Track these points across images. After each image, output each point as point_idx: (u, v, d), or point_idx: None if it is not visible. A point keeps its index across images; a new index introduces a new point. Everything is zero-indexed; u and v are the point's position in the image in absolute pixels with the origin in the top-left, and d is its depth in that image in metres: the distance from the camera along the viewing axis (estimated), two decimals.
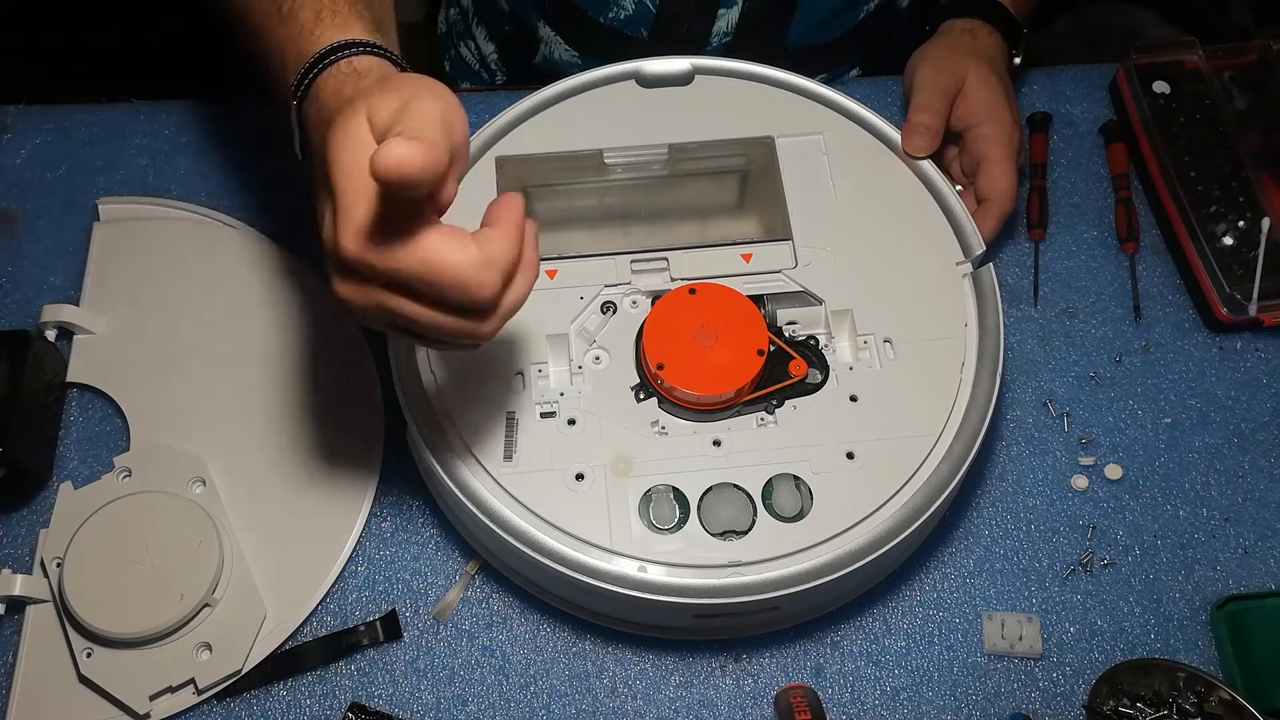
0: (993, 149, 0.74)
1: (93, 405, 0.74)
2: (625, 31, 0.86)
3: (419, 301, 0.47)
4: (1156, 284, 0.80)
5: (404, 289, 0.46)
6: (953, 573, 0.70)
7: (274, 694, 0.65)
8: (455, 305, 0.47)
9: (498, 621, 0.68)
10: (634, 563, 0.59)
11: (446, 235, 0.45)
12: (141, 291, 0.75)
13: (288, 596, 0.67)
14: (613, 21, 0.86)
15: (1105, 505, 0.72)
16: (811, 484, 0.62)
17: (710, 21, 0.85)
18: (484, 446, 0.62)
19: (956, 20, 0.81)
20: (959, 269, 0.68)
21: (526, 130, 0.73)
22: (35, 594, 0.65)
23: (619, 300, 0.67)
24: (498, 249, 0.46)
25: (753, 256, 0.69)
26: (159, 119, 0.84)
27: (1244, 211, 0.78)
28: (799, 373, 0.65)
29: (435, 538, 0.70)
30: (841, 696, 0.66)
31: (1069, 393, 0.76)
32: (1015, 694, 0.66)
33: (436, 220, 0.46)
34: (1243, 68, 0.85)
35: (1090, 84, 0.88)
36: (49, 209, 0.80)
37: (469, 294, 0.46)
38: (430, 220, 0.45)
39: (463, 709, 0.65)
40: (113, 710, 0.63)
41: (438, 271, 0.45)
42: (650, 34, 0.86)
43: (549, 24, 0.89)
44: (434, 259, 0.44)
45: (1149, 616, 0.69)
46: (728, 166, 0.74)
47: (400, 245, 0.44)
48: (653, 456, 0.62)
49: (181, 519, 0.66)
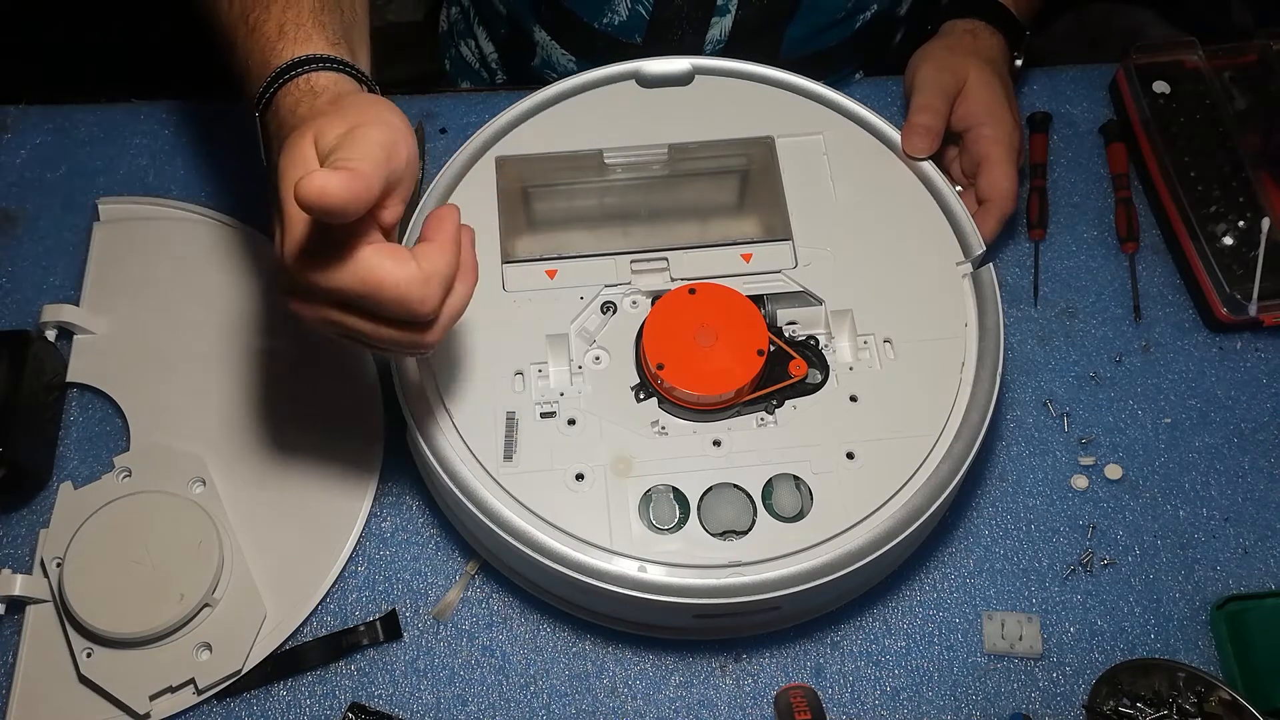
0: (993, 149, 0.74)
1: (93, 405, 0.74)
2: (620, 38, 0.86)
3: (362, 316, 0.48)
4: (1156, 284, 0.80)
5: (347, 305, 0.48)
6: (953, 573, 0.70)
7: (274, 694, 0.65)
8: (397, 319, 0.48)
9: (498, 621, 0.68)
10: (634, 563, 0.59)
11: (385, 253, 0.46)
12: (141, 291, 0.75)
13: (288, 596, 0.67)
14: (607, 27, 0.86)
15: (1105, 505, 0.72)
16: (811, 484, 0.62)
17: (704, 29, 0.85)
18: (484, 446, 0.62)
19: (957, 21, 0.80)
20: (959, 269, 0.68)
21: (526, 130, 0.73)
22: (35, 594, 0.65)
23: (619, 300, 0.67)
24: (435, 263, 0.48)
25: (753, 256, 0.69)
26: (159, 119, 0.84)
27: (1244, 211, 0.78)
28: (799, 373, 0.65)
29: (435, 538, 0.70)
30: (841, 696, 0.66)
31: (1069, 393, 0.76)
32: (1015, 694, 0.66)
33: (379, 238, 0.47)
34: (1243, 68, 0.85)
35: (1090, 84, 0.88)
36: (49, 209, 0.80)
37: (409, 309, 0.47)
38: (370, 239, 0.46)
39: (463, 709, 0.65)
40: (113, 710, 0.63)
41: (377, 289, 0.46)
42: (645, 40, 0.86)
43: (544, 29, 0.89)
44: (372, 277, 0.46)
45: (1149, 616, 0.69)
46: (728, 166, 0.74)
47: (339, 264, 0.46)
48: (653, 456, 0.62)
49: (181, 519, 0.66)
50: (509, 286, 0.67)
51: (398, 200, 0.48)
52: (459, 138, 0.79)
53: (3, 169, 0.82)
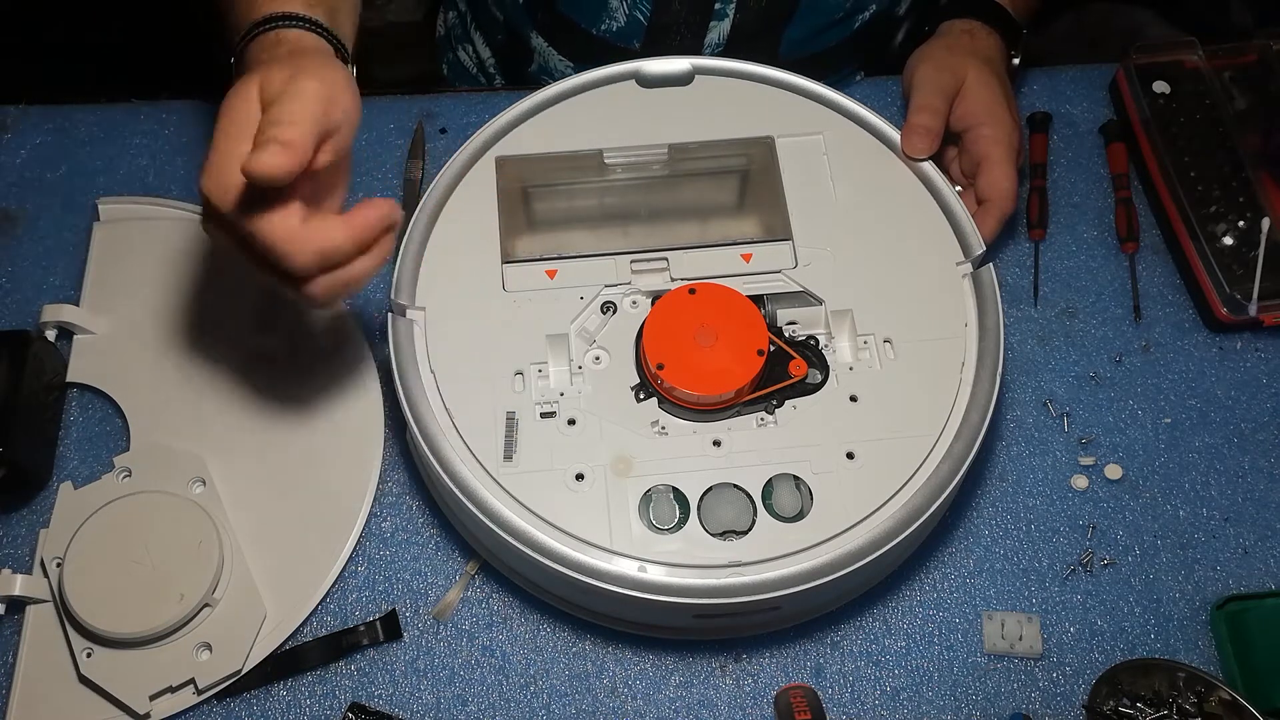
0: (993, 149, 0.74)
1: (93, 405, 0.74)
2: (617, 44, 0.86)
3: (246, 251, 0.54)
4: (1156, 284, 0.80)
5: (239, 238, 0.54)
6: (953, 573, 0.70)
7: (274, 694, 0.65)
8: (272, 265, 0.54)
9: (498, 621, 0.68)
10: (634, 563, 0.59)
11: (276, 203, 0.52)
12: (141, 291, 0.75)
13: (288, 596, 0.67)
14: (605, 34, 0.86)
15: (1105, 505, 0.72)
16: (811, 484, 0.62)
17: (702, 34, 0.85)
18: (484, 446, 0.62)
19: (956, 21, 0.80)
20: (959, 269, 0.68)
21: (526, 130, 0.73)
22: (35, 594, 0.65)
23: (619, 300, 0.67)
24: (323, 230, 0.53)
25: (753, 256, 0.69)
26: (159, 119, 0.84)
27: (1244, 211, 0.78)
28: (799, 373, 0.65)
29: (435, 538, 0.70)
30: (841, 696, 0.66)
31: (1069, 393, 0.76)
32: (1015, 694, 0.66)
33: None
34: (1243, 68, 0.85)
35: (1090, 84, 0.88)
36: (49, 209, 0.80)
37: (277, 258, 0.53)
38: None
39: (463, 709, 0.65)
40: (113, 710, 0.63)
41: (253, 228, 0.52)
42: (643, 46, 0.86)
43: (542, 34, 0.89)
44: (255, 218, 0.52)
45: (1149, 616, 0.69)
46: (728, 166, 0.74)
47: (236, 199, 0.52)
48: (653, 456, 0.62)
49: (181, 519, 0.66)
50: (509, 286, 0.67)
51: (329, 150, 0.54)
52: (459, 138, 0.79)
53: (3, 169, 0.82)
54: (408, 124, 0.84)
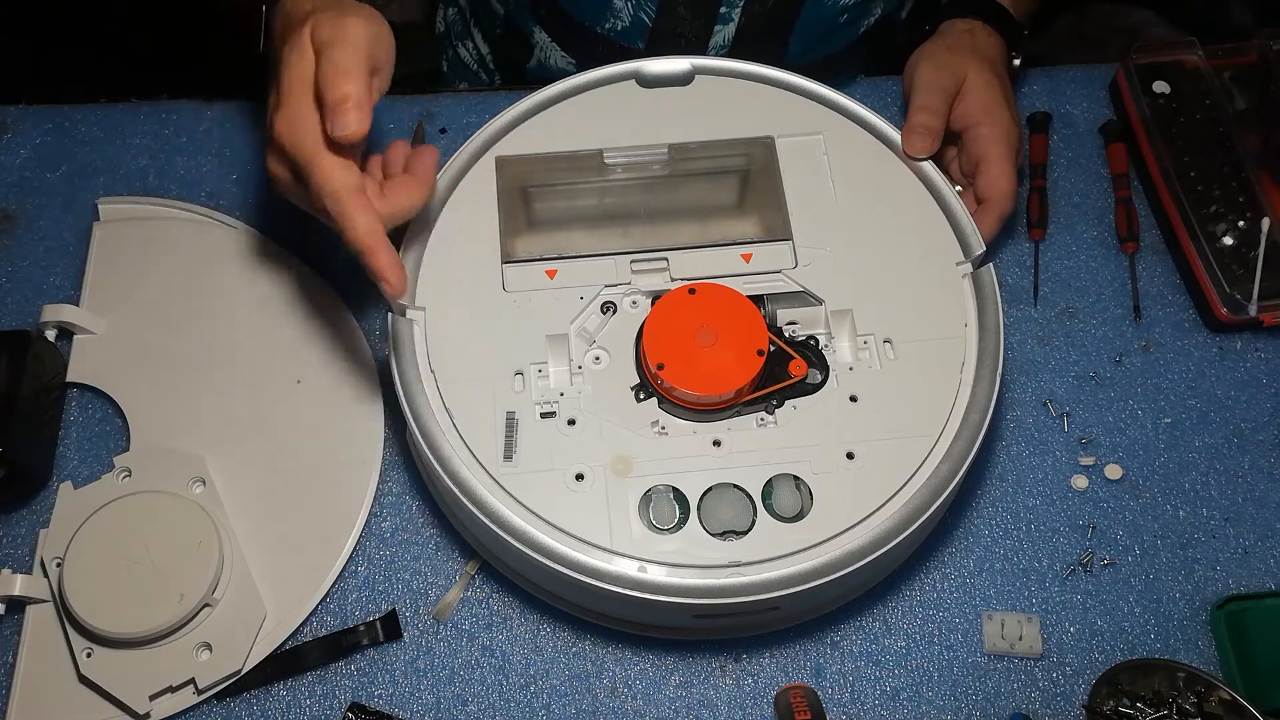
0: (992, 149, 0.74)
1: (93, 405, 0.74)
2: (621, 43, 0.86)
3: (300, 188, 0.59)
4: (1156, 284, 0.80)
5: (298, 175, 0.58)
6: (953, 573, 0.70)
7: (274, 694, 0.65)
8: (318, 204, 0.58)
9: (498, 621, 0.68)
10: (634, 563, 0.59)
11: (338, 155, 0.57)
12: (141, 291, 0.75)
13: (288, 596, 0.67)
14: (609, 32, 0.86)
15: (1105, 505, 0.72)
16: (811, 484, 0.62)
17: (707, 35, 0.85)
18: (484, 446, 0.62)
19: (956, 20, 0.80)
20: (959, 269, 0.68)
21: (526, 130, 0.73)
22: (35, 594, 0.65)
23: (619, 300, 0.67)
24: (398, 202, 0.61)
25: (753, 256, 0.69)
26: (159, 119, 0.84)
27: (1244, 211, 0.78)
28: (799, 373, 0.65)
29: (435, 538, 0.70)
30: (841, 696, 0.66)
31: (1069, 393, 0.76)
32: (1015, 694, 0.66)
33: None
34: (1243, 68, 0.85)
35: (1090, 84, 0.88)
36: (49, 209, 0.80)
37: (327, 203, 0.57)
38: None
39: (463, 709, 0.65)
40: (113, 710, 0.63)
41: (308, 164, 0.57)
42: (647, 46, 0.86)
43: (545, 30, 0.89)
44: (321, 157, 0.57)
45: (1149, 616, 0.69)
46: (728, 166, 0.74)
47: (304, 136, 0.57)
48: (653, 456, 0.62)
49: (181, 519, 0.66)
50: (509, 286, 0.67)
51: (376, 90, 0.59)
52: (459, 138, 0.79)
53: (3, 169, 0.82)
54: (408, 124, 0.84)
